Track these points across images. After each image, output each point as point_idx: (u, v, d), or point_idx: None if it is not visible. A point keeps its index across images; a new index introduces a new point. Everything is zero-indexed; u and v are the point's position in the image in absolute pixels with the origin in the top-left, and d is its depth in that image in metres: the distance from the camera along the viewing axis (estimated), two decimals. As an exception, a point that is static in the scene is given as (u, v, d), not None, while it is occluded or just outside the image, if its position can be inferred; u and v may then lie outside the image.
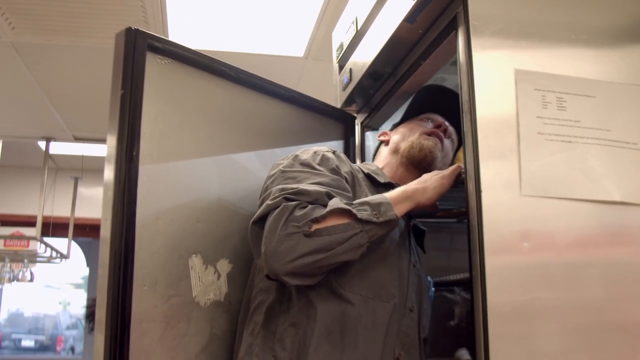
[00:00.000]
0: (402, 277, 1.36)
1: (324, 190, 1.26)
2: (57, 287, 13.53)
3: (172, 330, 1.39)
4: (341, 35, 1.93)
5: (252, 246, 1.29)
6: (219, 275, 1.51)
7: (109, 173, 1.35)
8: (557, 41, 1.27)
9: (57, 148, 5.27)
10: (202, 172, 1.54)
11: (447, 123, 1.64)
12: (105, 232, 1.32)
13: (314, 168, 1.34)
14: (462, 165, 1.31)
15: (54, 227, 5.56)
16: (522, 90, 1.21)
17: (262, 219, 1.24)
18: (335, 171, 1.36)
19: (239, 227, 1.56)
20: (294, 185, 1.26)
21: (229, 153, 1.62)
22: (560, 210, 1.16)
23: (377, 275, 1.31)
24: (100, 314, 1.29)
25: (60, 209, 5.64)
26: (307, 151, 1.42)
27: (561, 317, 1.12)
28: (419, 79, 1.63)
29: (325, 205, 1.22)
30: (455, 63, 1.76)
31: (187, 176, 1.50)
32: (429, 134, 1.59)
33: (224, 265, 1.53)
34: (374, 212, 1.24)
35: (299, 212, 1.20)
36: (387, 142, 1.68)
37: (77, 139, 4.97)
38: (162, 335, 1.37)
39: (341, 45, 1.92)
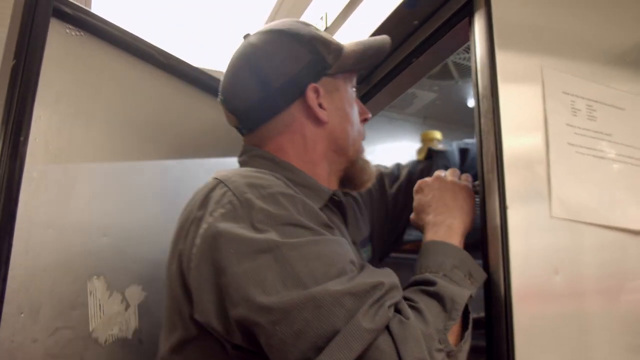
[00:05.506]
0: None
1: (396, 280, 0.85)
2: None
3: (57, 374, 1.07)
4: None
5: None
6: (128, 306, 1.20)
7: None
8: (586, 44, 1.07)
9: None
10: (115, 176, 1.24)
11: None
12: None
13: (318, 232, 0.87)
14: (470, 176, 1.08)
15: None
16: (550, 92, 0.99)
17: None
18: (330, 227, 0.91)
19: (159, 247, 1.24)
20: (373, 281, 0.80)
21: (154, 157, 1.33)
22: (598, 238, 0.94)
23: None
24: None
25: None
26: (258, 192, 0.88)
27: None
28: (397, 86, 1.37)
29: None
30: (434, 77, 1.54)
31: (93, 178, 1.20)
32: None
33: (135, 293, 1.22)
34: (471, 279, 0.90)
35: (423, 326, 0.79)
36: (318, 119, 1.06)
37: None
38: (43, 381, 1.05)
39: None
